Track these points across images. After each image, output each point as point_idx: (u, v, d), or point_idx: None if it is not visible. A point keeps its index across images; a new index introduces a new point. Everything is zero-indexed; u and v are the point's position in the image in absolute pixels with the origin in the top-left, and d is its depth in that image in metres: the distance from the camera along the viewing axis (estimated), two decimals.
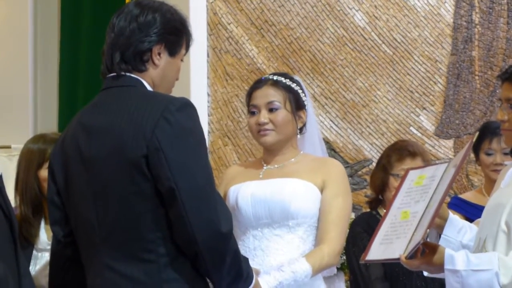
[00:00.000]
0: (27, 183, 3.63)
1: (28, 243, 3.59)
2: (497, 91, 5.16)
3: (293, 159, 3.41)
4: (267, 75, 3.49)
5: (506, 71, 3.00)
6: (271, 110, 3.36)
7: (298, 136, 3.43)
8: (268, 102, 3.36)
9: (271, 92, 3.38)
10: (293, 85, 3.41)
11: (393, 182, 4.10)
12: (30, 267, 3.59)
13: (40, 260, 3.63)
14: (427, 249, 2.76)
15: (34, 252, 3.63)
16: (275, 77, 3.42)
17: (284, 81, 3.41)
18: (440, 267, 2.75)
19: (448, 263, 2.73)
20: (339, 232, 3.29)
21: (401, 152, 4.14)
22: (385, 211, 4.17)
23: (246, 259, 2.75)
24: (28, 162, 3.66)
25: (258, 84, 3.43)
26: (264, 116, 3.35)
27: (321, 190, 3.31)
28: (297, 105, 3.40)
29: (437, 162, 5.12)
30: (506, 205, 2.86)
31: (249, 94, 3.44)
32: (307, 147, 3.49)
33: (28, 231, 3.60)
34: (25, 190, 3.63)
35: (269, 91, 3.38)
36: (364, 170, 5.10)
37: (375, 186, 4.20)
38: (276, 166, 3.39)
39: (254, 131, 3.40)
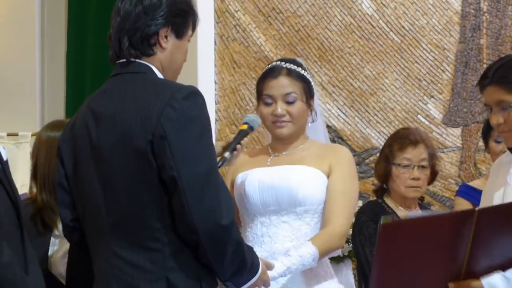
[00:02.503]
0: (50, 170, 3.62)
1: (47, 230, 3.60)
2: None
3: (301, 146, 3.40)
4: (278, 63, 3.43)
5: (486, 76, 2.92)
6: (287, 102, 3.34)
7: (309, 124, 3.42)
8: (285, 93, 3.33)
9: (288, 83, 3.35)
10: (305, 74, 3.39)
11: (395, 171, 4.10)
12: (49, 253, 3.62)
13: (55, 247, 3.63)
14: None
15: (52, 239, 3.63)
16: (288, 66, 3.38)
17: (297, 70, 3.37)
18: None
19: None
20: (345, 215, 3.25)
21: (402, 141, 4.14)
22: (390, 199, 4.20)
23: (251, 248, 2.74)
24: (50, 149, 3.65)
25: (272, 73, 3.37)
26: (281, 107, 3.32)
27: (328, 176, 3.31)
28: (310, 94, 3.39)
29: (444, 150, 5.11)
30: None
31: (263, 83, 3.39)
32: (310, 132, 3.48)
33: (50, 217, 3.60)
34: (46, 177, 3.62)
35: (285, 82, 3.35)
36: (371, 158, 5.10)
37: (379, 176, 4.22)
38: (284, 153, 3.38)
39: (268, 122, 3.36)
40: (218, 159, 3.07)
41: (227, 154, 3.13)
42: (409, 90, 5.18)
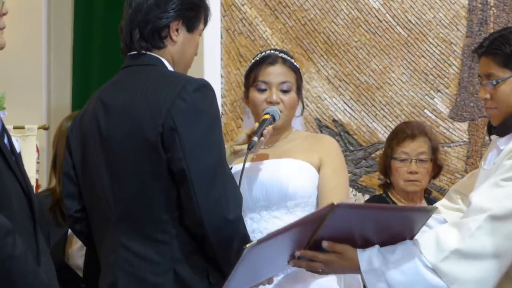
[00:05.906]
0: None
1: (66, 221, 3.59)
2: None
3: (286, 138, 3.39)
4: (271, 51, 3.43)
5: (482, 45, 2.87)
6: (282, 90, 3.33)
7: (298, 116, 3.43)
8: (281, 82, 3.33)
9: (285, 71, 3.34)
10: (297, 65, 3.40)
11: (394, 165, 4.13)
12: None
13: (74, 238, 3.62)
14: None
15: (70, 230, 3.63)
16: (282, 55, 3.39)
17: (292, 61, 3.39)
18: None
19: (364, 265, 2.61)
20: None
21: (400, 135, 4.17)
22: (394, 193, 4.20)
23: None
24: None
25: (269, 59, 3.37)
26: (277, 95, 3.32)
27: (318, 168, 3.30)
28: (300, 87, 3.39)
29: (451, 145, 5.10)
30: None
31: (258, 69, 3.35)
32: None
33: None
34: None
35: (282, 70, 3.34)
36: (377, 153, 5.09)
37: (381, 170, 4.25)
38: (270, 145, 3.35)
39: (261, 109, 3.34)
40: (247, 145, 3.09)
41: (255, 138, 3.12)
42: (415, 84, 5.17)
